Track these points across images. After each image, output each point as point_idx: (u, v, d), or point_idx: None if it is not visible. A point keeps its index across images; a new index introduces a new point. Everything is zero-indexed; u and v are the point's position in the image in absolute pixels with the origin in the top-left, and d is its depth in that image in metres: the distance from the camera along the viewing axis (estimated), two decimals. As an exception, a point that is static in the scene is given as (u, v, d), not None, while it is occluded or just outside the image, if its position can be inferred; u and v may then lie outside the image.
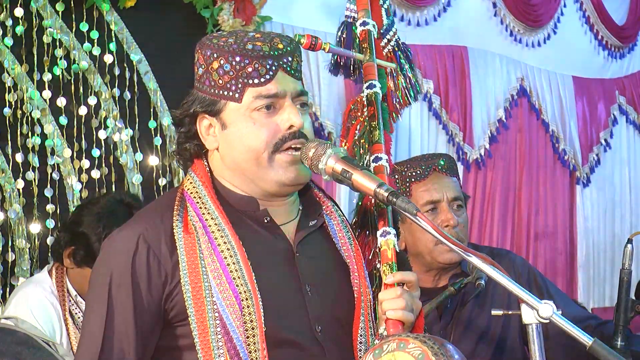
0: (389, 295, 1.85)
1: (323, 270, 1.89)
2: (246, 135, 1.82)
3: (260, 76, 1.81)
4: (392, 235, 1.95)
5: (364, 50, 2.26)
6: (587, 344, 1.57)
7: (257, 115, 1.82)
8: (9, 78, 3.74)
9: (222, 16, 4.14)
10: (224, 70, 1.82)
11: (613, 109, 6.55)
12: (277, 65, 1.82)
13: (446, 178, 2.78)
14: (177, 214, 1.81)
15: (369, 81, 2.20)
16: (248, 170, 1.84)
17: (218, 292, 1.74)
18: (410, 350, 1.58)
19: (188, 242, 1.78)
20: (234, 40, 1.84)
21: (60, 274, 3.10)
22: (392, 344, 1.61)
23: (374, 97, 2.17)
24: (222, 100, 1.84)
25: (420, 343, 1.58)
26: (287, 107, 1.83)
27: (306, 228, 1.89)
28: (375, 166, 2.09)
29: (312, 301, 1.82)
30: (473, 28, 5.59)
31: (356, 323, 1.86)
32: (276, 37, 1.87)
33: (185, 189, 1.87)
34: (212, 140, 1.87)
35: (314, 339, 1.80)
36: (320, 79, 4.69)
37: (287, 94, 1.83)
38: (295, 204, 1.92)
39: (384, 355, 1.61)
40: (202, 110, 1.86)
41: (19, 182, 3.72)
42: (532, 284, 2.79)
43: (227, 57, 1.81)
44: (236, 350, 1.72)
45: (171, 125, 4.09)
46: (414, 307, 1.86)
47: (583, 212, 6.28)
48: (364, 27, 2.27)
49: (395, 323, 1.81)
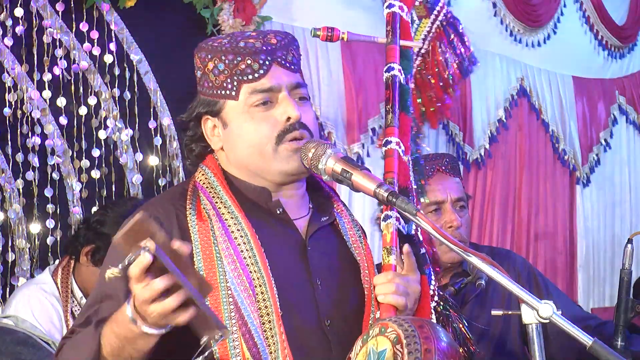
0: (380, 280, 1.85)
1: (333, 266, 1.90)
2: (246, 132, 1.84)
3: (253, 72, 1.83)
4: (392, 219, 1.95)
5: (387, 33, 2.22)
6: (587, 344, 1.57)
7: (254, 111, 1.84)
8: (9, 78, 3.74)
9: (222, 16, 4.14)
10: (219, 69, 1.85)
11: (613, 109, 6.55)
12: (270, 60, 1.84)
13: (450, 178, 2.79)
14: (189, 202, 1.84)
15: (388, 64, 2.18)
16: (252, 165, 1.86)
17: (233, 277, 1.75)
18: (388, 334, 1.60)
19: (202, 229, 1.80)
20: (227, 41, 1.87)
21: (66, 274, 3.10)
22: (376, 328, 1.64)
23: (390, 81, 2.15)
24: (220, 100, 1.86)
25: (397, 326, 1.60)
26: (284, 100, 1.84)
27: (318, 222, 1.91)
28: (385, 149, 2.08)
29: (322, 295, 1.83)
30: (473, 28, 5.57)
31: (366, 321, 1.87)
32: (270, 33, 1.90)
33: (197, 180, 1.89)
34: (217, 140, 1.90)
35: (322, 332, 1.81)
36: (320, 79, 4.68)
37: (283, 87, 1.85)
38: (305, 200, 1.94)
39: (370, 340, 1.63)
40: (204, 112, 1.89)
41: (19, 182, 3.72)
42: (532, 283, 2.79)
43: (220, 56, 1.84)
44: (251, 334, 1.73)
45: (171, 125, 4.09)
46: (409, 291, 1.86)
47: (583, 212, 6.28)
48: (390, 9, 2.25)
49: (388, 307, 1.82)
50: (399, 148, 2.07)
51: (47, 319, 3.00)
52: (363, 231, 2.01)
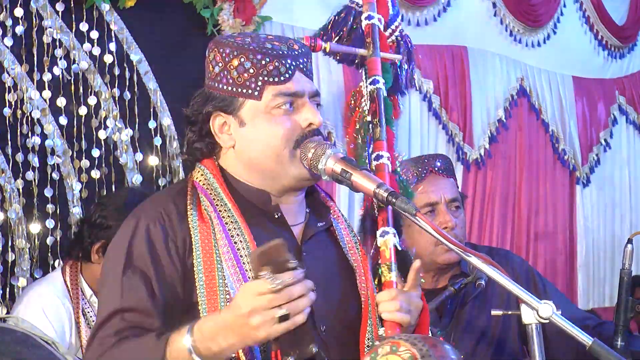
0: (384, 297, 1.86)
1: (329, 272, 1.90)
2: (265, 133, 1.84)
3: (280, 74, 1.84)
4: (390, 234, 1.95)
5: (367, 45, 2.24)
6: (586, 344, 1.57)
7: (276, 113, 1.84)
8: (9, 78, 3.74)
9: (222, 16, 4.14)
10: (244, 67, 1.84)
11: (613, 109, 6.55)
12: (295, 65, 1.85)
13: (443, 179, 2.78)
14: (190, 202, 1.84)
15: (372, 77, 2.19)
16: (267, 167, 1.85)
17: (232, 282, 1.75)
18: (401, 354, 1.59)
19: (203, 231, 1.80)
20: (251, 40, 1.87)
21: (75, 273, 3.11)
22: (386, 347, 1.63)
23: (375, 94, 2.16)
24: (239, 98, 1.85)
25: (410, 346, 1.60)
26: (307, 106, 1.86)
27: (314, 227, 1.91)
28: (376, 164, 2.08)
29: (317, 301, 1.82)
30: (473, 28, 5.59)
31: (363, 327, 1.87)
32: (290, 39, 1.92)
33: (196, 180, 1.88)
34: (227, 138, 1.88)
35: (318, 338, 1.80)
36: (320, 78, 4.68)
37: (306, 93, 1.86)
38: (303, 206, 1.94)
39: (379, 358, 1.62)
40: (216, 108, 1.87)
41: (19, 182, 3.72)
42: (531, 284, 2.79)
43: (248, 54, 1.84)
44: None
45: (171, 125, 4.09)
46: (411, 308, 1.86)
47: (583, 212, 6.28)
48: (369, 21, 2.25)
49: (392, 324, 1.83)
50: (389, 163, 2.08)
51: (57, 317, 3.01)
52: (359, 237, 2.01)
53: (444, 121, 5.37)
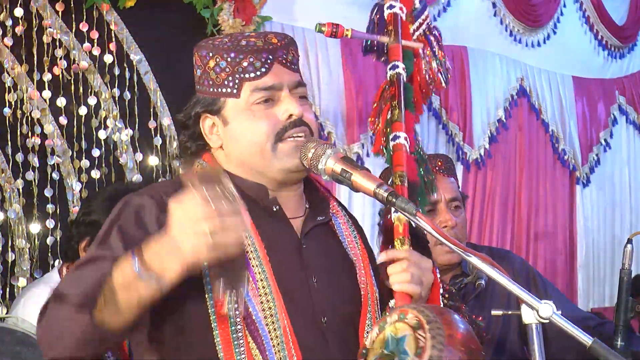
0: (395, 269, 1.86)
1: (328, 265, 1.90)
2: (247, 129, 1.85)
3: (255, 70, 1.84)
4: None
5: (389, 33, 2.25)
6: (587, 343, 1.57)
7: (256, 109, 1.85)
8: (9, 78, 3.74)
9: (222, 16, 4.14)
10: (220, 67, 1.85)
11: (613, 109, 6.55)
12: (272, 59, 1.85)
13: (444, 179, 2.78)
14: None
15: (392, 62, 2.20)
16: (254, 163, 1.86)
17: None
18: (409, 320, 1.60)
19: None
20: (228, 39, 1.88)
21: None
22: (395, 315, 1.64)
23: (395, 78, 2.17)
24: (221, 98, 1.87)
25: (418, 312, 1.60)
26: (285, 98, 1.85)
27: (313, 221, 1.92)
28: (393, 144, 2.09)
29: (317, 293, 1.84)
30: (473, 28, 5.59)
31: (362, 320, 1.87)
32: (270, 33, 1.91)
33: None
34: (216, 138, 1.90)
35: (318, 329, 1.82)
36: (320, 78, 4.69)
37: (284, 86, 1.86)
38: (302, 200, 1.94)
39: (388, 326, 1.63)
40: (203, 110, 1.89)
41: (19, 182, 3.72)
42: (531, 284, 2.79)
43: (222, 54, 1.85)
44: (255, 325, 1.73)
45: (171, 125, 4.09)
46: (422, 280, 1.86)
47: (583, 212, 6.28)
48: (391, 10, 2.27)
49: (403, 296, 1.82)
50: (406, 143, 2.09)
51: None
52: (360, 231, 2.01)
53: (443, 121, 5.37)
